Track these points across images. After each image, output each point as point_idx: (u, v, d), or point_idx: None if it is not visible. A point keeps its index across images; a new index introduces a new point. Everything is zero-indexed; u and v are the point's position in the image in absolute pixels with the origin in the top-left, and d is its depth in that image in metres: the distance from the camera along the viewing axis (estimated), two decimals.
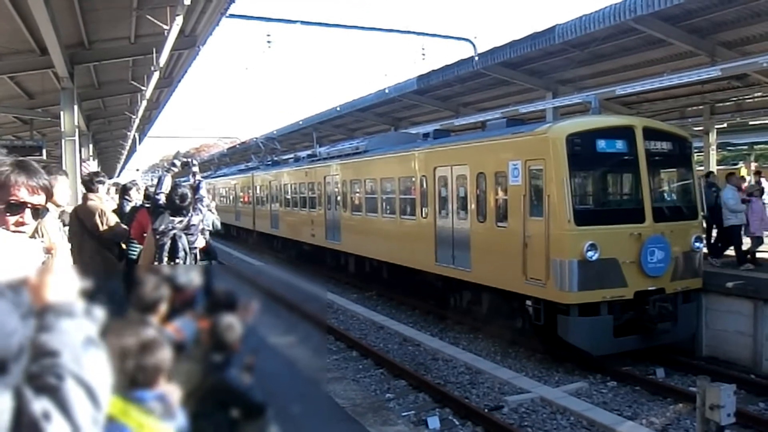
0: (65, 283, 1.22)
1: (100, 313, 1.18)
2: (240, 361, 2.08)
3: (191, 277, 2.38)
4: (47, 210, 2.09)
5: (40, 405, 0.99)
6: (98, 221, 6.76)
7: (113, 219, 6.97)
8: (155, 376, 1.59)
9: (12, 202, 1.95)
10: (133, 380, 1.56)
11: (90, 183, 7.10)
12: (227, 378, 2.07)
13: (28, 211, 1.97)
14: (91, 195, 7.05)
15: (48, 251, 1.50)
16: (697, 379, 6.19)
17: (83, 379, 1.05)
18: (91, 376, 1.07)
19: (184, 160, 7.10)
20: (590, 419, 7.69)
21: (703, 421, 5.80)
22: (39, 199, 2.01)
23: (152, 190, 7.41)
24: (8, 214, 1.95)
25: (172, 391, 1.65)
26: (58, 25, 11.25)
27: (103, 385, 1.09)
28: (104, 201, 7.33)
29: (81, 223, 6.86)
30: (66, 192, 5.06)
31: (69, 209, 7.07)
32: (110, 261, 6.92)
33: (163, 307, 2.01)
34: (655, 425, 7.77)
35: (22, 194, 1.96)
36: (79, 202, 8.08)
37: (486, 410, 8.12)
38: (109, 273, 6.04)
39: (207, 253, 7.13)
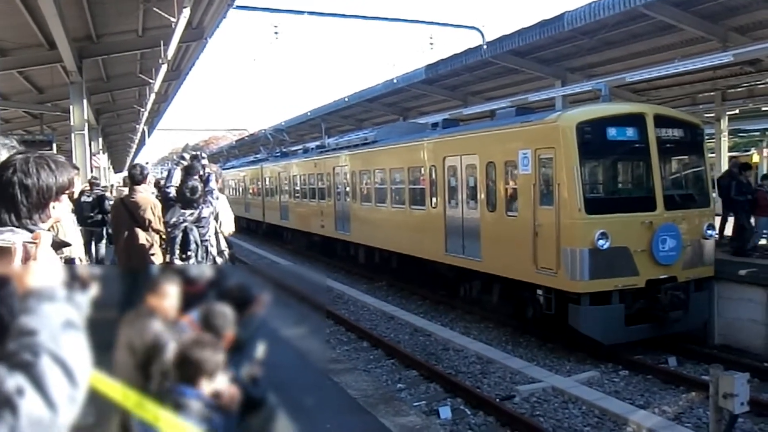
0: (48, 270, 1.26)
1: (82, 299, 1.21)
2: (243, 357, 2.07)
3: (202, 270, 2.38)
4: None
5: (13, 381, 1.01)
6: (151, 213, 6.96)
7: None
8: (197, 374, 1.60)
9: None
10: (180, 375, 1.57)
11: (139, 176, 7.32)
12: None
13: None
14: (138, 187, 7.30)
15: (34, 240, 1.53)
16: (709, 367, 6.17)
17: (60, 357, 1.06)
18: (68, 354, 1.08)
19: (194, 153, 7.11)
20: (602, 408, 7.68)
21: (716, 409, 5.77)
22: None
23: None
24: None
25: (226, 399, 1.66)
26: (65, 19, 11.28)
27: (81, 365, 1.10)
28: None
29: (130, 213, 7.06)
30: (78, 187, 5.17)
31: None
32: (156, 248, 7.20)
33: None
34: (667, 414, 7.74)
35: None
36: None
37: (497, 400, 8.12)
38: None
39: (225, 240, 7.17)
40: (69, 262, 2.47)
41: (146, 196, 7.31)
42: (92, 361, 1.14)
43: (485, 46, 17.43)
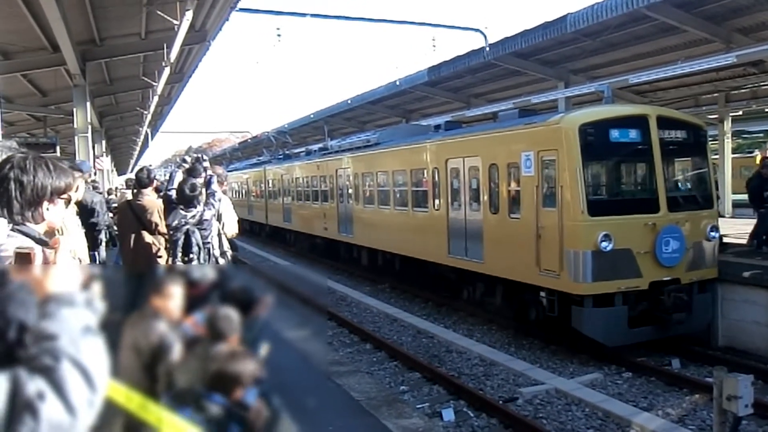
0: (67, 276, 1.29)
1: (100, 304, 1.23)
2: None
3: (205, 272, 2.39)
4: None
5: (34, 385, 1.02)
6: (157, 216, 7.04)
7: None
8: (233, 385, 1.63)
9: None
10: (215, 386, 1.60)
11: (146, 179, 7.36)
12: None
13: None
14: (145, 191, 7.35)
15: (52, 246, 1.54)
16: (713, 369, 6.14)
17: (79, 362, 1.08)
18: (87, 360, 1.09)
19: (195, 155, 7.14)
20: (605, 410, 7.66)
21: (720, 412, 5.75)
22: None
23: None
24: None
25: (253, 414, 1.68)
26: (69, 23, 11.32)
27: (100, 370, 1.12)
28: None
29: (137, 217, 7.11)
30: (81, 189, 5.17)
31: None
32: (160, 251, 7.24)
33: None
34: (671, 416, 7.72)
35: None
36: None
37: (500, 402, 8.11)
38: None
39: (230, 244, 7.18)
40: None
41: (153, 199, 7.34)
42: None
43: (488, 48, 17.44)
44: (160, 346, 1.88)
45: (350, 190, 18.14)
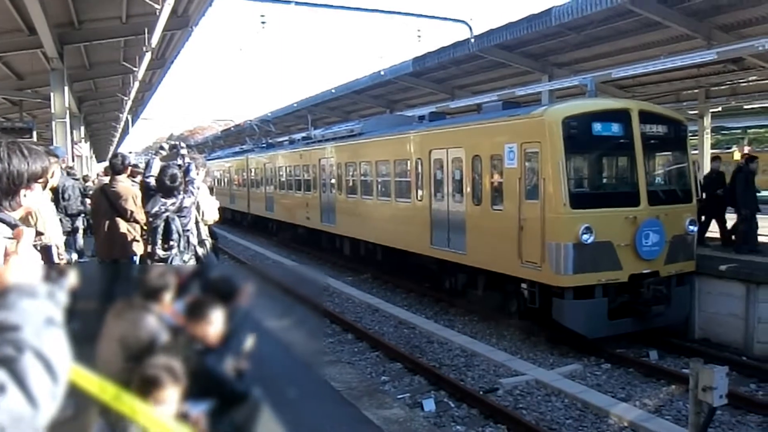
0: (29, 267, 1.26)
1: (62, 296, 1.19)
2: (227, 350, 2.04)
3: (185, 261, 2.35)
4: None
5: None
6: (132, 203, 6.94)
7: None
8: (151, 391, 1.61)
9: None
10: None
11: (120, 165, 7.25)
12: (206, 365, 2.03)
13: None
14: (119, 177, 7.27)
15: (15, 237, 1.50)
16: (690, 361, 6.23)
17: (42, 354, 1.05)
18: (50, 351, 1.07)
19: (173, 143, 7.06)
20: (584, 401, 7.75)
21: (695, 402, 5.82)
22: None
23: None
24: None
25: (192, 421, 1.67)
26: (45, 4, 11.08)
27: (62, 362, 1.09)
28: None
29: (111, 203, 7.00)
30: (57, 175, 5.10)
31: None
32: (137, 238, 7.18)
33: (169, 295, 1.98)
34: (648, 407, 7.83)
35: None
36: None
37: (481, 392, 8.16)
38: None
39: (210, 233, 7.11)
40: (46, 249, 2.43)
41: (127, 185, 7.25)
42: (72, 355, 1.13)
43: (473, 40, 17.42)
44: (150, 339, 1.84)
45: (333, 180, 18.07)
